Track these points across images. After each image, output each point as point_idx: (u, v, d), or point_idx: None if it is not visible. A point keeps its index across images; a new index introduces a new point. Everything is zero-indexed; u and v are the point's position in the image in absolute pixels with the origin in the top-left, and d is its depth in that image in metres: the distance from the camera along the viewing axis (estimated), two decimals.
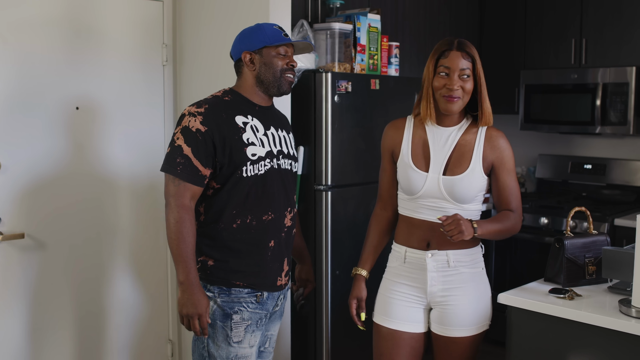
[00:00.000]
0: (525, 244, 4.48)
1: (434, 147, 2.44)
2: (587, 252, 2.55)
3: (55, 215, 3.21)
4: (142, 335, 3.62)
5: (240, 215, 2.38)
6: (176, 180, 2.30)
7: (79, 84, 3.25)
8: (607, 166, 4.69)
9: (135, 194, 3.54)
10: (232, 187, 2.37)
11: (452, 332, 2.46)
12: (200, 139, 2.30)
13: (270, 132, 2.48)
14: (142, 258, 3.61)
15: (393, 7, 4.26)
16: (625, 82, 4.25)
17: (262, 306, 2.46)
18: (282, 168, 2.48)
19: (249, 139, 2.38)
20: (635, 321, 2.12)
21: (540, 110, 4.71)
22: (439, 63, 2.38)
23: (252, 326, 2.43)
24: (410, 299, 2.49)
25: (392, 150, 2.52)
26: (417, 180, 2.42)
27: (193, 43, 3.60)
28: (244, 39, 2.46)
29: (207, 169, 2.32)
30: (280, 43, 2.43)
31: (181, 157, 2.29)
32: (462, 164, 2.41)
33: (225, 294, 2.39)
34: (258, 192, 2.39)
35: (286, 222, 2.50)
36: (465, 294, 2.45)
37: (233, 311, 2.39)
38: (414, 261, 2.47)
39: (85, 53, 3.27)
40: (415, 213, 2.46)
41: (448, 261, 2.43)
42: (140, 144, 3.54)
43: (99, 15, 3.32)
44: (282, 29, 2.48)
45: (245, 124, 2.39)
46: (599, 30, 4.43)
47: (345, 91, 3.46)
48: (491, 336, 4.70)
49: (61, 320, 3.27)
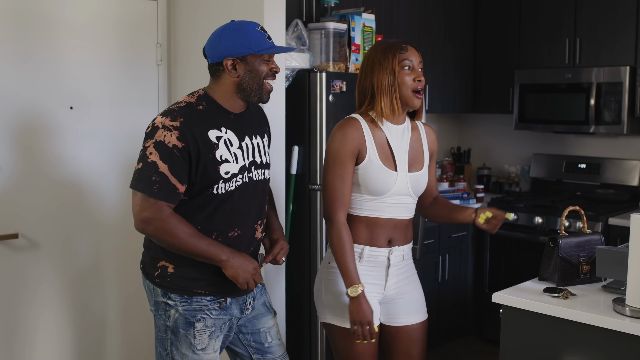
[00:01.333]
0: (519, 243, 4.49)
1: (395, 145, 2.45)
2: (582, 251, 2.55)
3: (49, 215, 3.20)
4: (136, 335, 3.62)
5: (205, 231, 2.27)
6: (151, 199, 2.16)
7: (73, 83, 3.25)
8: (601, 165, 4.70)
9: (129, 193, 3.52)
10: (200, 202, 2.27)
11: (407, 320, 2.53)
12: (178, 155, 2.16)
13: (245, 142, 2.34)
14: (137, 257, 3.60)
15: (387, 7, 4.26)
16: (619, 82, 4.27)
17: (226, 311, 2.37)
18: (254, 180, 2.36)
19: (222, 156, 2.25)
20: (629, 320, 2.13)
21: (534, 110, 4.72)
22: (400, 58, 2.39)
23: (216, 332, 2.35)
24: (370, 295, 2.47)
25: (358, 152, 2.41)
26: (389, 180, 2.41)
27: (187, 42, 3.60)
28: (226, 41, 2.26)
29: (183, 186, 2.20)
30: (268, 52, 2.28)
31: (157, 175, 2.15)
32: (418, 159, 2.51)
33: (186, 302, 2.30)
34: (226, 208, 2.29)
35: (256, 236, 2.41)
36: (411, 283, 2.58)
37: (196, 319, 2.30)
38: (373, 259, 2.48)
39: (79, 52, 3.26)
40: (379, 212, 2.45)
41: (403, 255, 2.53)
42: (134, 143, 3.53)
43: (93, 14, 3.31)
44: (264, 30, 2.31)
45: (218, 139, 2.25)
46: (592, 30, 4.44)
47: (339, 91, 3.46)
48: (485, 335, 4.73)
49: (54, 320, 3.26)
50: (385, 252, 2.47)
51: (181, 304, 2.30)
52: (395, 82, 2.39)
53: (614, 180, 4.65)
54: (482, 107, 5.10)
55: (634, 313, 2.14)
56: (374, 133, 2.43)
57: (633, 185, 4.56)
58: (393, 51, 2.39)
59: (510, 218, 4.27)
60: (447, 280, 4.48)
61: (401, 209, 2.47)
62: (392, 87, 2.39)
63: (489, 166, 5.36)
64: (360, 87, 2.48)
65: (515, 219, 4.44)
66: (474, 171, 5.44)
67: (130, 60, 3.49)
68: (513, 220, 4.48)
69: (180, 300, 2.30)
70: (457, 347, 4.65)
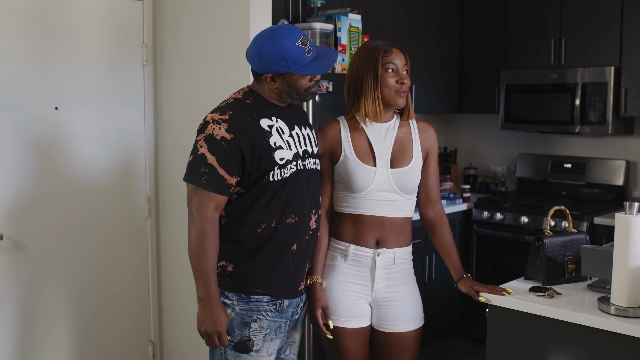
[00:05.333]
0: (505, 243, 4.51)
1: (376, 142, 2.46)
2: (567, 250, 2.56)
3: (34, 216, 3.18)
4: (123, 337, 3.60)
5: (265, 220, 2.29)
6: (199, 190, 2.19)
7: (58, 83, 3.23)
8: (587, 165, 4.73)
9: (114, 194, 3.51)
10: (258, 191, 2.28)
11: (399, 327, 2.50)
12: (226, 147, 2.19)
13: (295, 132, 2.36)
14: (122, 258, 3.59)
15: (374, 7, 4.26)
16: (604, 82, 4.29)
17: (282, 314, 2.37)
18: (307, 168, 2.37)
19: (276, 143, 2.27)
20: (614, 318, 2.14)
21: (520, 110, 4.74)
22: (383, 61, 2.41)
23: (271, 334, 2.35)
24: (357, 295, 2.48)
25: (332, 151, 2.48)
26: (366, 176, 2.42)
27: (173, 43, 3.58)
28: (264, 57, 2.24)
29: (233, 177, 2.21)
30: (306, 73, 2.26)
31: (205, 167, 2.18)
32: (405, 155, 2.48)
33: (243, 302, 2.30)
34: (282, 195, 2.29)
35: (311, 225, 2.40)
36: (406, 289, 2.53)
37: (252, 319, 2.30)
38: (360, 259, 2.48)
39: (64, 52, 3.24)
40: (362, 209, 2.46)
41: (394, 259, 2.49)
42: (119, 144, 3.51)
43: (78, 13, 3.29)
44: (304, 43, 2.24)
45: (271, 127, 2.28)
46: (578, 30, 4.46)
47: (326, 91, 3.46)
48: (472, 334, 4.75)
49: (41, 322, 3.24)
50: (371, 252, 2.47)
51: (238, 303, 2.30)
52: (378, 84, 2.41)
53: (599, 179, 4.67)
54: (468, 108, 5.12)
55: (619, 312, 2.16)
56: (353, 132, 2.47)
57: (618, 184, 4.59)
58: (377, 54, 2.41)
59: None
60: (434, 280, 4.49)
61: (387, 206, 2.46)
62: (375, 89, 2.41)
63: (475, 166, 5.37)
64: (347, 88, 2.51)
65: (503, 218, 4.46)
66: (461, 171, 5.46)
67: (115, 61, 3.47)
68: (499, 219, 4.50)
69: (237, 300, 2.30)
70: (444, 347, 4.66)
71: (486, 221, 4.60)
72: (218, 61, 3.35)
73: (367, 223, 2.46)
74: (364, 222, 2.46)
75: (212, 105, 3.19)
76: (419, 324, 2.56)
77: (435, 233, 2.61)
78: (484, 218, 4.60)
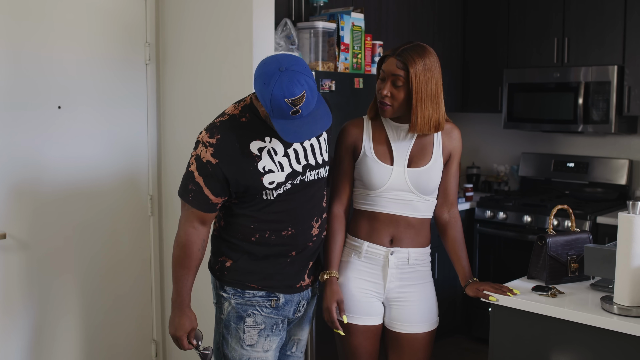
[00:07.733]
0: (508, 242, 4.50)
1: (395, 141, 2.47)
2: (570, 249, 2.56)
3: (37, 215, 3.18)
4: (126, 335, 3.60)
5: (258, 230, 2.31)
6: (186, 205, 2.28)
7: (62, 82, 3.23)
8: (590, 164, 4.72)
9: (117, 193, 3.51)
10: (251, 205, 2.30)
11: (410, 328, 2.50)
12: (211, 170, 2.21)
13: (294, 148, 2.30)
14: (125, 257, 3.59)
15: (377, 6, 4.26)
16: (607, 81, 4.28)
17: (278, 311, 2.38)
18: (307, 181, 2.34)
19: (266, 167, 2.24)
20: (617, 318, 2.14)
21: (523, 109, 4.73)
22: (379, 66, 2.45)
23: (267, 330, 2.37)
24: (369, 293, 2.49)
25: (354, 147, 2.50)
26: (383, 174, 2.43)
27: (176, 41, 3.58)
28: (256, 88, 2.13)
29: (218, 198, 2.25)
30: (279, 132, 2.11)
31: (193, 184, 2.24)
32: (424, 156, 2.47)
33: (239, 296, 2.35)
34: (278, 210, 2.30)
35: (313, 232, 2.39)
36: (420, 291, 2.52)
37: (246, 314, 2.35)
38: (373, 257, 2.49)
39: (67, 51, 3.24)
40: (378, 207, 2.47)
41: (408, 259, 2.49)
42: (122, 143, 3.52)
43: (82, 12, 3.29)
44: (296, 103, 2.06)
45: (261, 150, 2.24)
46: (580, 29, 4.45)
47: (328, 90, 3.46)
48: (474, 333, 4.75)
49: (43, 321, 3.24)
50: (384, 250, 2.47)
51: (234, 297, 2.36)
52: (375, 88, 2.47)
53: (602, 179, 4.67)
54: (471, 106, 5.11)
55: (622, 311, 2.15)
56: (375, 130, 2.49)
57: (621, 184, 4.58)
58: (381, 58, 2.44)
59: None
60: (437, 279, 4.43)
61: (403, 206, 2.45)
62: (376, 93, 2.47)
63: (478, 165, 5.37)
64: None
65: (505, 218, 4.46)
66: (463, 170, 5.45)
67: (118, 60, 3.47)
68: (502, 218, 4.50)
69: (233, 294, 2.36)
70: (447, 346, 4.66)
71: (489, 220, 4.60)
72: (221, 60, 3.35)
73: (382, 221, 2.47)
74: (379, 220, 2.47)
75: (214, 105, 3.19)
76: (432, 326, 2.55)
77: (447, 236, 2.60)
78: (486, 217, 4.60)
